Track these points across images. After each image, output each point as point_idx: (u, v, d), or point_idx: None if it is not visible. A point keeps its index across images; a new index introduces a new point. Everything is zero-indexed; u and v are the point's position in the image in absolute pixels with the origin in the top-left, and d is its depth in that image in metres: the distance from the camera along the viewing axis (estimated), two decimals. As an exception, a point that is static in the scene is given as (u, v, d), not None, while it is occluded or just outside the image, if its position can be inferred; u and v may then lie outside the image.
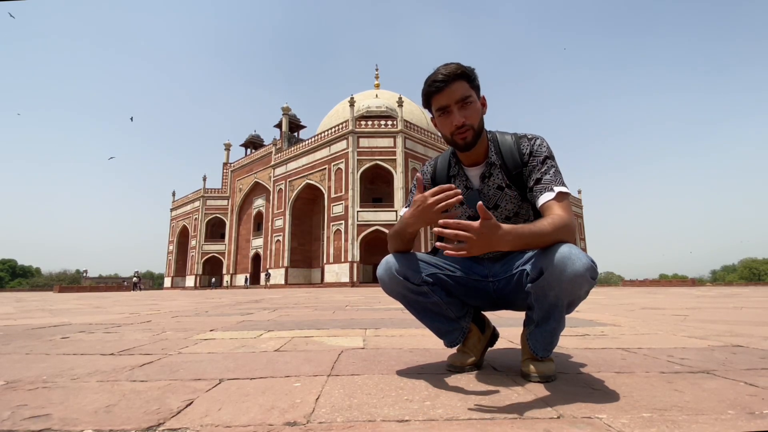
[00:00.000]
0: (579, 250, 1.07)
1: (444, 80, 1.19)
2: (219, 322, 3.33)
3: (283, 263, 32.63)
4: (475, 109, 1.23)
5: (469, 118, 1.22)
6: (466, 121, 1.22)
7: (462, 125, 1.22)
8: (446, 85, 1.19)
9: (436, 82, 1.20)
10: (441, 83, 1.20)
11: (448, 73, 1.19)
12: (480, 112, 1.25)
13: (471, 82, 1.22)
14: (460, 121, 1.21)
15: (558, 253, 1.06)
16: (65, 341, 2.26)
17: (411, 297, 1.31)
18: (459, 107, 1.21)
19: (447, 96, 1.21)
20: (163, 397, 1.09)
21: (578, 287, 1.08)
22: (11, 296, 15.35)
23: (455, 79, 1.19)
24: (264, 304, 6.00)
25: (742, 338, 2.13)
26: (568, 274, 1.04)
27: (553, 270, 1.06)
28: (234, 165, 43.17)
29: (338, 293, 11.67)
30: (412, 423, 0.87)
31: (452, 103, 1.21)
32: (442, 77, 1.19)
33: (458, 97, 1.20)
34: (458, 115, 1.21)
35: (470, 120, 1.22)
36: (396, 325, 2.86)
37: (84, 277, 68.16)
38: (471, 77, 1.22)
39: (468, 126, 1.22)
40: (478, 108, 1.24)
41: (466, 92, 1.21)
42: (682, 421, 0.86)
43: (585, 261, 1.05)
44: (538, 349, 1.22)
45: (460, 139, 1.24)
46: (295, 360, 1.61)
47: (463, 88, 1.20)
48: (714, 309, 4.42)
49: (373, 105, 36.19)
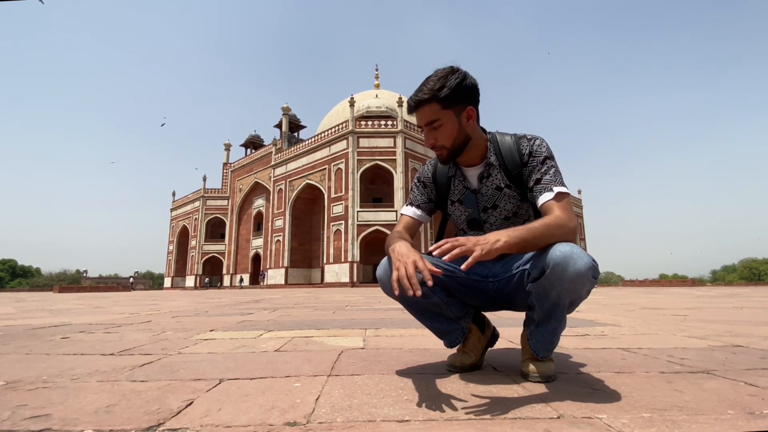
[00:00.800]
0: (581, 250, 1.07)
1: (413, 105, 1.23)
2: (219, 322, 3.33)
3: (283, 263, 32.63)
4: (445, 132, 1.23)
5: (440, 140, 1.25)
6: (437, 143, 1.26)
7: (433, 147, 1.27)
8: (415, 109, 1.24)
9: (409, 104, 1.24)
10: (411, 107, 1.24)
11: (415, 99, 1.22)
12: (453, 133, 1.24)
13: (444, 103, 1.20)
14: (429, 142, 1.27)
15: (560, 252, 1.06)
16: (65, 341, 2.26)
17: (410, 298, 1.30)
18: (428, 130, 1.25)
19: (418, 117, 1.25)
20: (163, 397, 1.09)
21: (580, 286, 1.09)
22: (11, 296, 15.35)
23: (424, 104, 1.21)
24: (264, 304, 6.00)
25: (742, 338, 2.13)
26: (570, 273, 1.05)
27: (555, 269, 1.06)
28: (234, 165, 43.17)
29: (338, 293, 11.67)
30: (412, 423, 0.87)
31: (422, 125, 1.25)
32: (412, 102, 1.23)
33: (426, 121, 1.23)
34: (428, 137, 1.27)
35: (440, 141, 1.25)
36: (396, 325, 2.86)
37: (84, 277, 68.20)
38: (445, 98, 1.19)
39: (440, 146, 1.26)
40: (450, 128, 1.23)
41: (434, 116, 1.22)
42: (682, 421, 0.86)
43: (587, 260, 1.05)
44: (538, 349, 1.22)
45: (438, 155, 1.30)
46: (295, 360, 1.61)
47: (431, 113, 1.21)
48: (714, 309, 4.42)
49: (373, 105, 36.20)
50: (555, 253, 1.07)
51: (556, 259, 1.06)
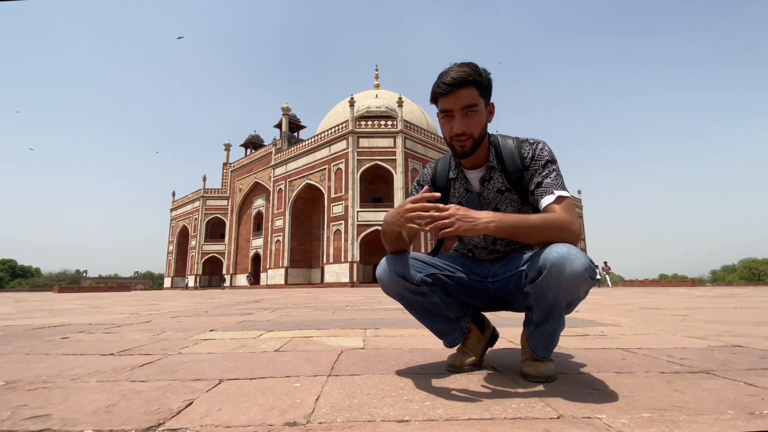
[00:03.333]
0: (578, 251, 1.07)
1: (452, 84, 1.15)
2: (219, 322, 3.33)
3: (283, 263, 32.61)
4: (478, 119, 1.20)
5: (471, 127, 1.20)
6: (467, 130, 1.20)
7: (462, 134, 1.20)
8: (453, 90, 1.16)
9: (444, 84, 1.16)
10: (448, 87, 1.16)
11: (458, 78, 1.14)
12: (484, 122, 1.22)
13: (481, 89, 1.18)
14: (460, 129, 1.20)
15: (556, 253, 1.06)
16: (65, 341, 2.26)
17: (410, 297, 1.31)
18: (462, 114, 1.19)
19: (452, 101, 1.18)
20: (163, 397, 1.09)
21: (577, 287, 1.09)
22: (11, 296, 15.34)
23: (464, 85, 1.15)
24: (264, 305, 6.00)
25: (742, 338, 2.13)
26: (567, 274, 1.05)
27: (552, 270, 1.06)
28: (234, 165, 43.13)
29: (338, 293, 11.66)
30: (412, 423, 0.87)
31: (456, 109, 1.18)
32: (451, 80, 1.15)
33: (463, 105, 1.17)
34: (460, 123, 1.19)
35: (471, 129, 1.20)
36: (396, 325, 2.86)
37: (84, 277, 68.14)
38: (482, 84, 1.18)
39: (468, 135, 1.21)
40: (483, 118, 1.21)
41: (472, 101, 1.17)
42: (682, 421, 0.86)
43: (584, 261, 1.05)
44: (538, 350, 1.22)
45: (459, 146, 1.23)
46: (295, 360, 1.61)
47: (471, 96, 1.17)
48: (714, 309, 4.42)
49: (373, 105, 36.16)
50: (551, 254, 1.06)
51: (553, 260, 1.05)
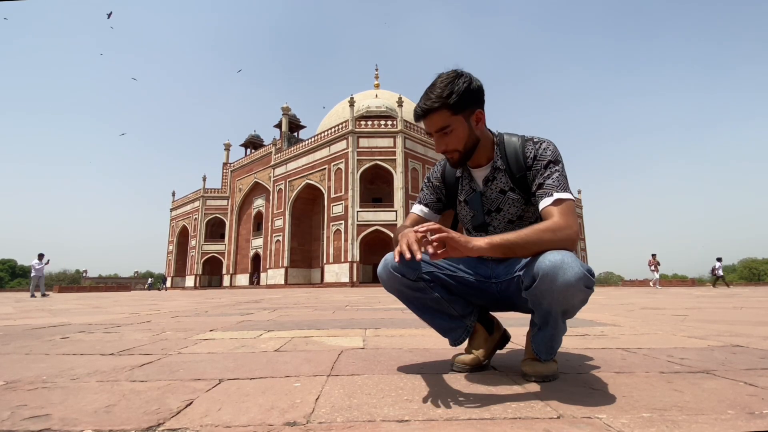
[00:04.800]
0: (573, 258, 1.04)
1: (421, 114, 1.22)
2: (219, 322, 3.33)
3: (282, 263, 32.61)
4: (455, 136, 1.24)
5: (450, 145, 1.25)
6: (447, 148, 1.26)
7: (444, 152, 1.27)
8: (424, 117, 1.22)
9: (416, 113, 1.23)
10: (420, 115, 1.23)
11: (425, 107, 1.20)
12: (464, 137, 1.25)
13: (454, 109, 1.19)
14: (441, 148, 1.27)
15: (549, 261, 1.04)
16: (65, 341, 2.26)
17: (409, 293, 1.31)
18: (438, 137, 1.25)
19: (428, 124, 1.24)
20: (163, 397, 1.09)
21: (570, 297, 1.06)
22: (11, 296, 15.34)
23: (433, 111, 1.20)
24: (264, 304, 6.00)
25: (742, 338, 2.13)
26: (559, 284, 1.02)
27: (544, 279, 1.04)
28: (234, 165, 43.12)
29: (338, 293, 11.67)
30: (412, 423, 0.87)
31: (433, 131, 1.24)
32: (421, 111, 1.21)
33: (437, 128, 1.23)
34: (439, 143, 1.27)
35: (451, 146, 1.26)
36: (396, 325, 2.86)
37: (84, 277, 68.18)
38: (455, 104, 1.19)
39: (451, 150, 1.26)
40: (460, 134, 1.24)
41: (444, 123, 1.21)
42: (681, 421, 0.86)
43: (577, 270, 1.02)
44: (540, 352, 1.22)
45: (449, 159, 1.31)
46: (295, 360, 1.61)
47: (441, 120, 1.20)
48: (714, 309, 4.42)
49: (372, 105, 36.16)
50: (544, 262, 1.04)
51: (545, 269, 1.04)
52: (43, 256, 13.33)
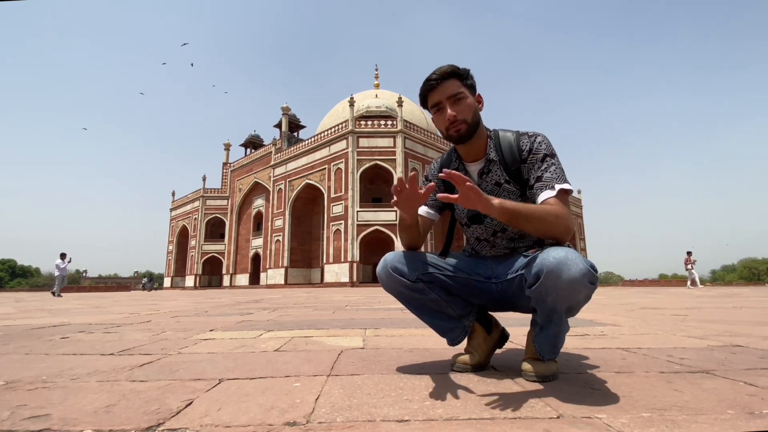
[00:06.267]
0: (576, 255, 1.06)
1: (437, 79, 1.27)
2: (219, 322, 3.33)
3: (282, 263, 32.60)
4: (467, 105, 1.28)
5: (461, 113, 1.28)
6: (458, 116, 1.28)
7: (454, 119, 1.28)
8: (438, 83, 1.27)
9: (430, 81, 1.28)
10: (434, 81, 1.27)
11: (440, 73, 1.27)
12: (473, 108, 1.30)
13: (463, 80, 1.29)
14: (451, 115, 1.27)
15: (553, 258, 1.05)
16: (65, 341, 2.26)
17: (407, 294, 1.32)
18: (451, 103, 1.28)
19: (440, 93, 1.28)
20: (163, 397, 1.09)
21: (576, 293, 1.08)
22: (11, 296, 15.33)
23: (447, 77, 1.27)
24: (264, 304, 6.00)
25: (742, 338, 2.13)
26: (564, 279, 1.04)
27: (549, 275, 1.05)
28: (234, 165, 43.10)
29: (338, 293, 11.66)
30: (412, 423, 0.87)
31: (444, 99, 1.28)
32: (435, 76, 1.27)
33: (450, 94, 1.27)
34: (450, 110, 1.28)
35: (462, 114, 1.28)
36: (396, 325, 2.86)
37: (83, 277, 68.14)
38: (463, 76, 1.29)
39: (460, 120, 1.28)
40: (471, 104, 1.29)
41: (457, 89, 1.27)
42: (681, 421, 0.86)
43: (582, 266, 1.04)
44: (544, 352, 1.22)
45: (454, 132, 1.30)
46: (295, 360, 1.61)
47: (455, 86, 1.27)
48: (713, 309, 4.42)
49: (372, 105, 36.14)
50: (549, 259, 1.06)
51: (550, 265, 1.05)
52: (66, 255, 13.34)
